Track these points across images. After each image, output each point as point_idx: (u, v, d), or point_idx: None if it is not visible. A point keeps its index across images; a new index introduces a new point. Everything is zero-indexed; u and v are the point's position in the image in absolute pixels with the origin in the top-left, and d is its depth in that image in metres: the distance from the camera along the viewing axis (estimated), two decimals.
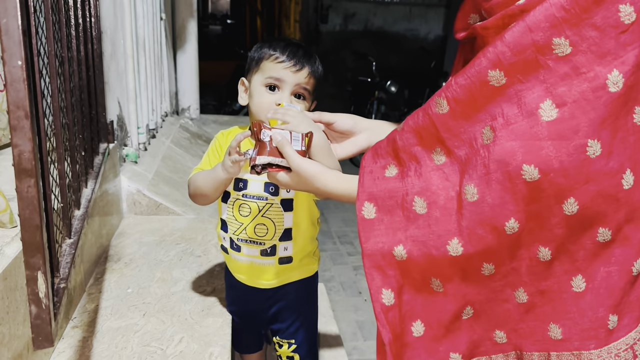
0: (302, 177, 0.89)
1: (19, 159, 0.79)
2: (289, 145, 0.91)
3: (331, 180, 0.89)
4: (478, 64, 0.71)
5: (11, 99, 0.76)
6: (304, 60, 1.15)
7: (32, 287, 0.89)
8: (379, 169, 0.83)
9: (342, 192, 0.88)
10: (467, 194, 0.72)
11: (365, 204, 0.82)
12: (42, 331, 0.93)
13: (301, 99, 1.17)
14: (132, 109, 2.32)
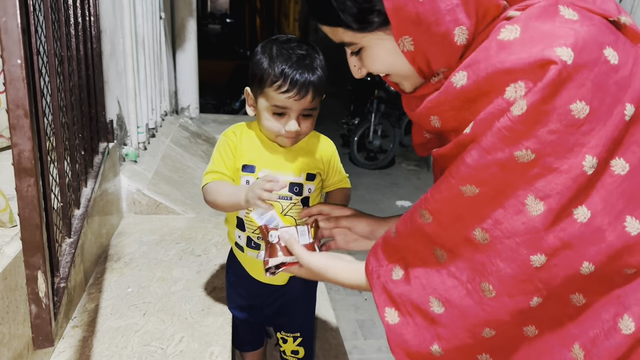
0: (313, 271, 0.97)
1: (19, 158, 0.79)
2: (297, 244, 0.99)
3: (342, 272, 0.97)
4: (447, 182, 0.77)
5: (10, 98, 0.76)
6: (308, 85, 1.13)
7: (32, 287, 0.89)
8: (387, 273, 0.88)
9: (355, 283, 0.95)
10: (485, 291, 0.76)
11: (386, 311, 0.86)
12: (42, 331, 0.93)
13: (309, 117, 1.19)
14: (131, 108, 2.32)
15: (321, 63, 1.17)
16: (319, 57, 1.18)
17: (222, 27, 17.48)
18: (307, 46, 1.18)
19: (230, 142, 1.23)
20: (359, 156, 5.77)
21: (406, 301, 0.84)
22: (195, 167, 2.77)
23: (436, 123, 0.81)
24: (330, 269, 0.97)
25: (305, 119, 1.18)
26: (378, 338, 2.62)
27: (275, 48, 1.15)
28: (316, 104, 1.17)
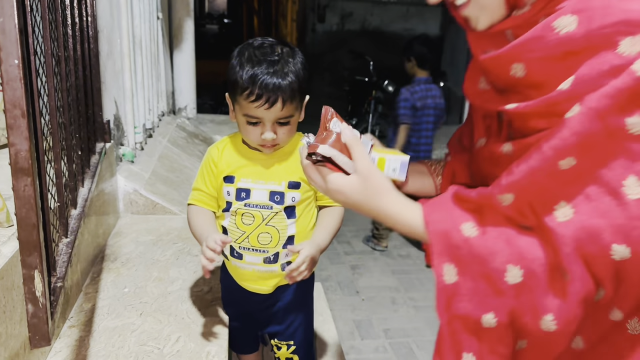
0: (369, 186, 0.76)
1: (16, 157, 0.80)
2: (362, 146, 0.78)
3: (399, 203, 0.77)
4: (541, 154, 0.66)
5: (8, 98, 0.77)
6: (277, 93, 1.08)
7: (28, 286, 0.89)
8: (455, 224, 0.74)
9: (408, 223, 0.77)
10: (558, 272, 0.67)
11: (445, 267, 0.73)
12: (39, 330, 0.93)
13: (285, 125, 1.14)
14: (128, 108, 2.32)
15: (295, 67, 1.11)
16: (295, 60, 1.12)
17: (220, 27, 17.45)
18: (283, 49, 1.13)
19: (212, 159, 1.26)
20: None
21: (475, 263, 0.71)
22: (192, 168, 2.77)
23: (518, 72, 0.69)
24: (390, 193, 0.76)
25: (281, 126, 1.14)
26: (375, 338, 2.62)
27: (247, 53, 1.12)
28: (291, 111, 1.13)
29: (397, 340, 2.61)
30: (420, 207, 0.76)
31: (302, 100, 1.16)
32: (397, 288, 3.12)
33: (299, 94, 1.13)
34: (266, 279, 1.29)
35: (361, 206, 0.77)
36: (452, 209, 0.75)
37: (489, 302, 0.71)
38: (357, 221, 4.16)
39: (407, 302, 2.97)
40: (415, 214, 0.76)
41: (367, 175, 0.76)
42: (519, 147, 0.73)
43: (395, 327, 2.72)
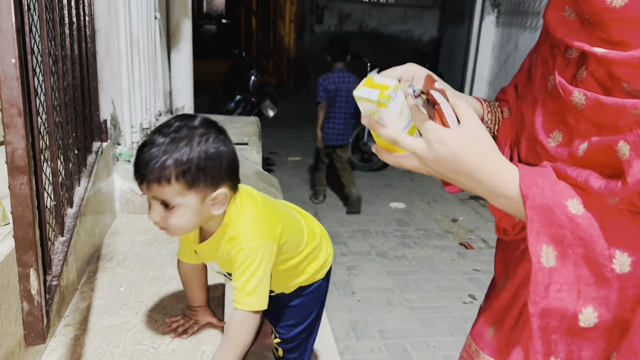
0: (475, 141, 0.69)
1: (12, 156, 0.80)
2: (466, 104, 0.72)
3: (501, 168, 0.69)
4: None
5: (4, 97, 0.77)
6: (145, 169, 0.99)
7: (24, 284, 0.89)
8: (558, 200, 0.66)
9: (504, 193, 0.69)
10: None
11: (544, 248, 0.66)
12: (34, 328, 0.93)
13: (172, 208, 1.03)
14: (125, 108, 2.32)
15: (191, 149, 1.00)
16: (196, 140, 1.01)
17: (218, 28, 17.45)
18: (189, 127, 1.03)
19: None
20: (353, 158, 5.78)
21: (579, 245, 0.64)
22: None
23: (618, 1, 0.61)
24: (493, 155, 0.68)
25: (168, 210, 1.03)
26: (370, 339, 2.63)
27: (157, 127, 1.07)
28: (168, 194, 1.01)
29: (392, 341, 2.62)
30: (518, 176, 0.69)
31: (195, 187, 1.03)
32: (393, 289, 3.13)
33: (183, 181, 1.01)
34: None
35: (461, 160, 0.68)
36: (555, 183, 0.67)
37: (590, 293, 0.65)
38: (353, 222, 4.17)
39: (403, 303, 2.97)
40: (513, 183, 0.69)
41: (474, 130, 0.70)
42: (593, 104, 0.66)
43: (390, 328, 2.73)
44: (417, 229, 4.08)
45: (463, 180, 0.71)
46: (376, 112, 0.73)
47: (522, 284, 0.82)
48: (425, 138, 0.70)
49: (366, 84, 0.74)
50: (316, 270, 1.37)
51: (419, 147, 0.71)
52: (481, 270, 3.42)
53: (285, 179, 5.15)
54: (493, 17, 5.81)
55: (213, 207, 1.08)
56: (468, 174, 0.70)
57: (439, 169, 0.71)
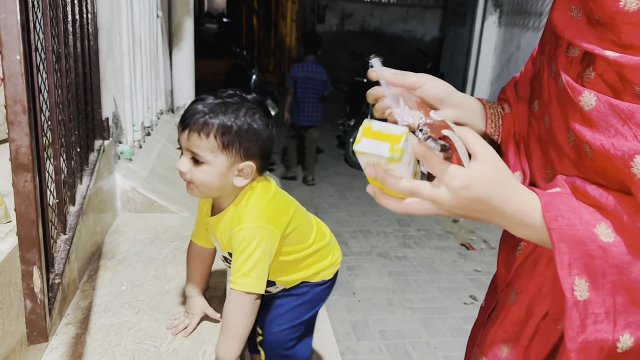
0: (496, 176, 0.65)
1: (16, 153, 0.80)
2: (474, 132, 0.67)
3: (522, 198, 0.67)
4: None
5: (9, 94, 0.77)
6: (192, 119, 1.08)
7: (27, 282, 0.89)
8: (587, 230, 0.64)
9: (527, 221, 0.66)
10: None
11: (576, 281, 0.63)
12: (36, 326, 0.93)
13: (199, 164, 1.10)
14: (127, 106, 2.32)
15: (236, 116, 1.08)
16: (243, 110, 1.10)
17: (219, 26, 17.45)
18: (241, 98, 1.12)
19: (199, 203, 1.31)
20: (355, 158, 5.78)
21: (613, 274, 0.62)
22: None
23: (632, 5, 0.61)
24: (513, 185, 0.66)
25: (197, 165, 1.10)
26: (371, 339, 2.63)
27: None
28: (202, 148, 1.08)
29: (393, 341, 2.62)
30: (539, 206, 0.66)
31: (227, 150, 1.10)
32: (394, 289, 3.13)
33: (219, 140, 1.08)
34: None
35: (487, 201, 0.66)
36: (580, 210, 0.65)
37: (626, 319, 0.64)
38: (354, 222, 4.17)
39: (404, 304, 2.97)
40: (537, 213, 0.66)
41: (494, 163, 0.66)
42: (605, 105, 0.64)
43: (391, 328, 2.73)
44: (418, 229, 4.08)
45: (484, 217, 0.68)
46: (385, 164, 0.65)
47: (534, 299, 0.80)
48: (448, 185, 0.65)
49: (365, 133, 0.65)
50: (322, 269, 1.37)
51: (441, 195, 0.66)
52: (482, 271, 3.41)
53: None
54: (495, 17, 5.81)
55: (237, 177, 1.13)
56: (492, 212, 0.67)
57: (460, 212, 0.67)
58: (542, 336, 0.80)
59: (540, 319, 0.80)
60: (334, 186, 5.06)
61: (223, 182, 1.12)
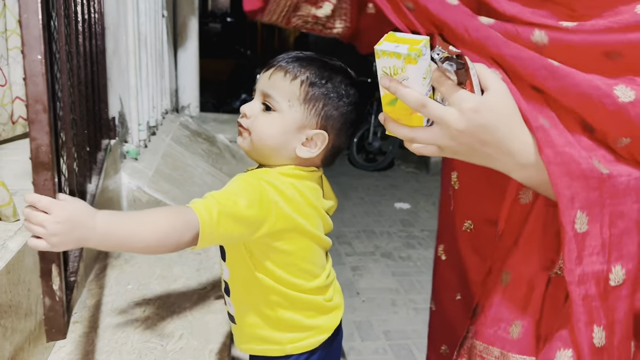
0: (508, 109, 0.66)
1: (37, 152, 0.80)
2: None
3: (526, 133, 0.66)
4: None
5: (30, 93, 0.77)
6: (280, 59, 0.96)
7: (46, 280, 0.89)
8: (587, 159, 0.65)
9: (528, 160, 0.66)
10: None
11: (578, 214, 0.65)
12: (55, 323, 0.93)
13: (268, 110, 0.94)
14: (133, 105, 2.33)
15: (332, 77, 0.95)
16: (341, 77, 0.97)
17: (223, 26, 17.46)
18: (346, 70, 1.01)
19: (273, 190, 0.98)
20: (358, 158, 5.78)
21: (610, 205, 0.65)
22: (195, 166, 2.78)
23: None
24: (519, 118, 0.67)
25: (265, 112, 0.94)
26: (375, 340, 2.63)
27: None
28: (281, 91, 0.93)
29: (397, 342, 2.62)
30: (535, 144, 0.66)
31: (307, 106, 0.94)
32: (398, 290, 3.13)
33: (304, 88, 0.94)
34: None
35: (496, 129, 0.66)
36: (574, 142, 0.67)
37: (620, 251, 0.65)
38: (358, 222, 4.17)
39: (407, 304, 2.97)
40: (532, 142, 0.66)
41: (505, 96, 0.66)
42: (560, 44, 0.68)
43: (395, 329, 2.73)
44: (422, 229, 4.07)
45: (490, 152, 0.67)
46: (401, 71, 0.64)
47: (533, 274, 0.79)
48: (458, 106, 0.65)
49: (388, 38, 0.66)
50: (308, 322, 1.01)
51: (449, 115, 0.65)
52: None
53: None
54: None
55: (303, 145, 0.95)
56: (500, 144, 0.66)
57: (467, 141, 0.66)
58: (551, 305, 0.79)
59: (544, 289, 0.79)
60: (338, 186, 5.06)
61: (284, 143, 0.94)
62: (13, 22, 1.59)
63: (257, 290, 0.98)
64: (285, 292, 0.97)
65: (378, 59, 0.66)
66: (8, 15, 1.58)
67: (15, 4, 1.59)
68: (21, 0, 0.74)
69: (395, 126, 0.71)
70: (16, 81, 1.63)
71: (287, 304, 0.99)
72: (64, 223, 0.72)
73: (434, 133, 0.68)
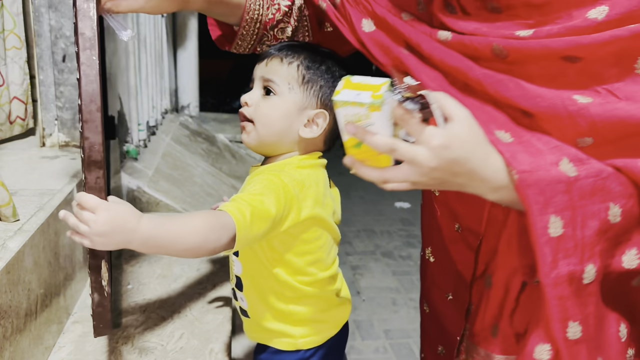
0: (475, 136, 0.67)
1: (89, 151, 0.83)
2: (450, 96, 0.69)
3: (494, 154, 0.68)
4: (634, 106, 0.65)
5: (85, 93, 0.81)
6: (276, 48, 0.99)
7: (95, 276, 0.91)
8: (554, 166, 0.67)
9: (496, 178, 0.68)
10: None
11: (552, 218, 0.66)
12: (102, 318, 0.94)
13: (268, 95, 0.98)
14: (132, 105, 2.33)
15: (325, 61, 0.99)
16: (332, 62, 1.01)
17: None
18: (337, 56, 1.05)
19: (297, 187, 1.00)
20: None
21: (581, 206, 0.66)
22: (195, 166, 2.78)
23: None
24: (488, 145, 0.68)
25: (266, 97, 0.97)
26: (375, 339, 2.63)
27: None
28: (279, 75, 0.96)
29: (397, 341, 2.62)
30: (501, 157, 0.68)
31: (305, 87, 0.97)
32: (398, 289, 3.13)
33: (301, 71, 0.97)
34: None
35: (467, 161, 0.66)
36: (541, 150, 0.68)
37: (592, 249, 0.67)
38: (358, 222, 4.17)
39: (408, 303, 2.97)
40: (502, 166, 0.68)
41: (471, 125, 0.67)
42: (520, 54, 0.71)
43: (395, 328, 2.73)
44: None
45: (462, 182, 0.69)
46: (365, 118, 0.64)
47: (508, 277, 0.82)
48: (427, 144, 0.65)
49: (346, 86, 0.66)
50: (319, 316, 1.08)
51: (420, 155, 0.65)
52: None
53: None
54: None
55: (305, 126, 0.97)
56: (471, 174, 0.68)
57: (439, 175, 0.67)
58: (523, 307, 0.81)
59: (517, 292, 0.82)
60: (338, 186, 5.03)
61: (288, 126, 0.97)
62: (10, 22, 1.59)
63: (271, 285, 1.01)
64: (299, 287, 1.01)
65: (338, 108, 0.65)
66: (5, 15, 1.58)
67: (13, 3, 1.59)
68: (78, 3, 0.80)
69: (365, 170, 0.70)
70: (14, 81, 1.63)
71: (300, 299, 1.03)
72: (107, 224, 0.74)
73: (405, 172, 0.68)
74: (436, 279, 1.06)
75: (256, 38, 1.08)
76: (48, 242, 1.17)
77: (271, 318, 1.05)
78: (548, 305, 0.68)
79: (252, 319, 1.07)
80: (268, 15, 1.05)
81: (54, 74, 1.65)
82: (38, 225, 1.11)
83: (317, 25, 1.11)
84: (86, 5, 0.81)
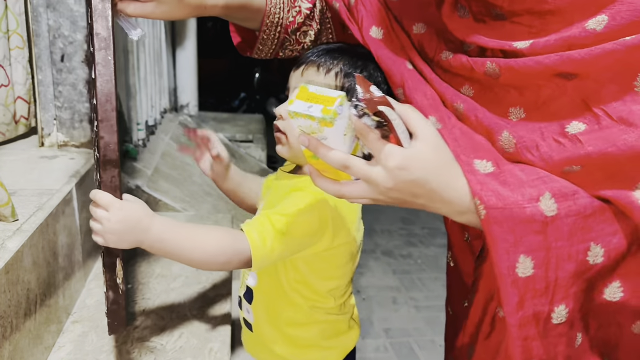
0: (439, 157, 0.63)
1: (105, 150, 0.83)
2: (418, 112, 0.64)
3: (461, 179, 0.64)
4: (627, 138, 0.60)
5: (101, 93, 0.81)
6: (310, 55, 0.94)
7: (110, 274, 0.91)
8: (531, 202, 0.62)
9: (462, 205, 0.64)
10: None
11: (521, 258, 0.62)
12: (117, 316, 0.95)
13: None
14: (131, 105, 2.33)
15: (366, 66, 0.92)
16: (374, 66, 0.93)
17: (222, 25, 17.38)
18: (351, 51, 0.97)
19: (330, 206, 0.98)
20: None
21: (555, 247, 0.63)
22: (194, 165, 2.77)
23: None
24: (455, 167, 0.64)
25: None
26: (376, 338, 2.63)
27: None
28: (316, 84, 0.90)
29: (397, 339, 2.62)
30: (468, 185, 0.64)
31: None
32: (398, 288, 3.13)
33: (340, 79, 0.91)
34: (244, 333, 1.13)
35: (426, 183, 0.63)
36: (521, 183, 0.64)
37: (566, 291, 0.64)
38: None
39: (408, 302, 2.97)
40: (471, 197, 0.64)
41: (436, 144, 0.63)
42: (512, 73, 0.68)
43: (395, 326, 2.73)
44: (422, 227, 4.07)
45: (424, 202, 0.65)
46: (318, 131, 0.61)
47: (487, 300, 0.80)
48: (384, 164, 0.61)
49: (301, 96, 0.62)
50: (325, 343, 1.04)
51: (375, 174, 0.62)
52: None
53: None
54: None
55: None
56: (432, 195, 0.64)
57: (397, 195, 0.63)
58: (499, 331, 0.78)
59: (492, 317, 0.79)
60: None
61: None
62: (14, 22, 1.59)
63: (283, 306, 0.99)
64: (311, 313, 0.98)
65: (292, 119, 0.62)
66: (9, 16, 1.57)
67: (16, 3, 1.59)
68: (93, 3, 0.81)
69: (322, 182, 0.67)
70: (18, 81, 1.63)
71: (310, 324, 1.00)
72: (120, 223, 0.75)
73: (362, 188, 0.64)
74: (454, 284, 1.04)
75: (277, 42, 1.05)
76: (47, 241, 1.17)
77: (277, 340, 1.01)
78: (512, 345, 0.65)
79: (256, 336, 1.04)
80: (289, 19, 1.02)
81: (52, 74, 1.64)
82: (37, 225, 1.11)
83: (340, 28, 1.05)
84: (101, 5, 0.81)
